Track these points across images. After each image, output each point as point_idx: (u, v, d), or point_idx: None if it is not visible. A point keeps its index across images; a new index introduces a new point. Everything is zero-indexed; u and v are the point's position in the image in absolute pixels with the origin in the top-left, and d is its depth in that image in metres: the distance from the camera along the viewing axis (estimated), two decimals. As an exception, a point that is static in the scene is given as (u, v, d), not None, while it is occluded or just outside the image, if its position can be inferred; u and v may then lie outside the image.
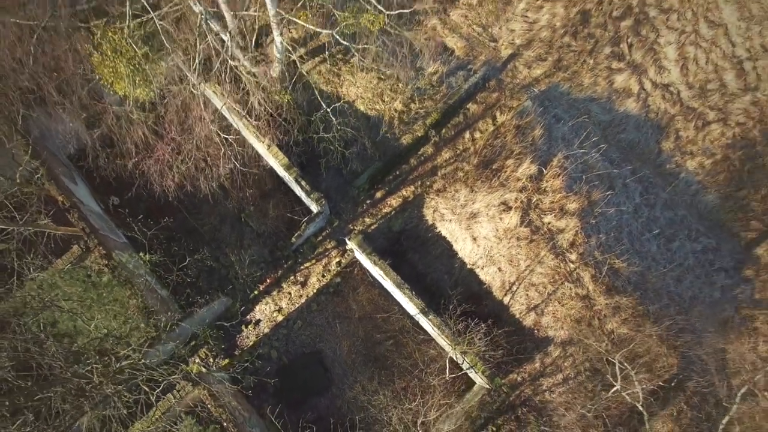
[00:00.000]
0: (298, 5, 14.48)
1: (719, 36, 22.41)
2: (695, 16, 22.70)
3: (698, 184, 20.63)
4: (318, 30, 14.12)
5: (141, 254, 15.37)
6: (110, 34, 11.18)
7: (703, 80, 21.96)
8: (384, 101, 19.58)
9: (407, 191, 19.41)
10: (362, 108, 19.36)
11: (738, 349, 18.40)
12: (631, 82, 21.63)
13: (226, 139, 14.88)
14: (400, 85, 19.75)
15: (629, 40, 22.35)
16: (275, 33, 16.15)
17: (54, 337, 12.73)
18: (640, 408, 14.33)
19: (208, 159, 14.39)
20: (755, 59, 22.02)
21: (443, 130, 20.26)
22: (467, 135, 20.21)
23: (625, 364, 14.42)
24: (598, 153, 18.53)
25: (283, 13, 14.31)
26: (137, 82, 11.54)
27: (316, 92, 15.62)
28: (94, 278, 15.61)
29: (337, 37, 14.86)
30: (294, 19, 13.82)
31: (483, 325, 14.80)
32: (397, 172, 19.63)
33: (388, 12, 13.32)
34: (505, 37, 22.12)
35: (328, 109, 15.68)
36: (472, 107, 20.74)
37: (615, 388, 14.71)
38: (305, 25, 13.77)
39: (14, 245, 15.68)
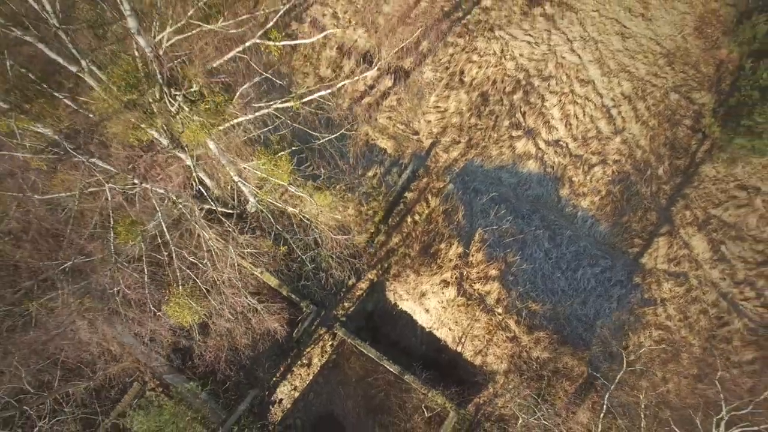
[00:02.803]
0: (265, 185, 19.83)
1: (590, 91, 28.13)
2: (569, 78, 28.34)
3: (592, 218, 26.63)
4: (288, 207, 19.64)
5: (192, 384, 21.07)
6: (173, 299, 16.77)
7: (584, 131, 27.75)
8: (340, 211, 25.04)
9: (371, 275, 25.10)
10: (323, 220, 24.82)
11: (636, 342, 24.78)
12: (528, 145, 27.30)
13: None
14: (348, 194, 25.20)
15: (522, 110, 27.94)
16: (249, 196, 21.50)
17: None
18: None
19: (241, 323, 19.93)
20: (618, 106, 27.83)
21: (390, 219, 25.88)
22: (409, 219, 25.84)
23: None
24: (509, 220, 24.29)
25: (260, 197, 19.79)
26: (194, 317, 17.06)
27: (298, 251, 21.30)
28: (156, 406, 21.19)
29: (299, 192, 20.40)
30: (273, 202, 19.30)
31: (439, 389, 21.03)
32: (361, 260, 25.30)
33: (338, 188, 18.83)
34: (424, 129, 27.55)
35: (310, 266, 21.46)
36: (409, 195, 26.31)
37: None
38: (279, 204, 19.29)
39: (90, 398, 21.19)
